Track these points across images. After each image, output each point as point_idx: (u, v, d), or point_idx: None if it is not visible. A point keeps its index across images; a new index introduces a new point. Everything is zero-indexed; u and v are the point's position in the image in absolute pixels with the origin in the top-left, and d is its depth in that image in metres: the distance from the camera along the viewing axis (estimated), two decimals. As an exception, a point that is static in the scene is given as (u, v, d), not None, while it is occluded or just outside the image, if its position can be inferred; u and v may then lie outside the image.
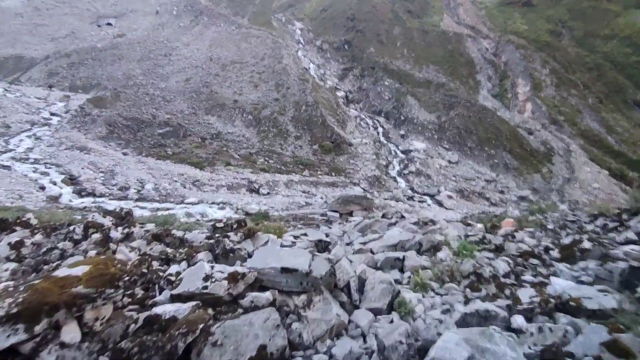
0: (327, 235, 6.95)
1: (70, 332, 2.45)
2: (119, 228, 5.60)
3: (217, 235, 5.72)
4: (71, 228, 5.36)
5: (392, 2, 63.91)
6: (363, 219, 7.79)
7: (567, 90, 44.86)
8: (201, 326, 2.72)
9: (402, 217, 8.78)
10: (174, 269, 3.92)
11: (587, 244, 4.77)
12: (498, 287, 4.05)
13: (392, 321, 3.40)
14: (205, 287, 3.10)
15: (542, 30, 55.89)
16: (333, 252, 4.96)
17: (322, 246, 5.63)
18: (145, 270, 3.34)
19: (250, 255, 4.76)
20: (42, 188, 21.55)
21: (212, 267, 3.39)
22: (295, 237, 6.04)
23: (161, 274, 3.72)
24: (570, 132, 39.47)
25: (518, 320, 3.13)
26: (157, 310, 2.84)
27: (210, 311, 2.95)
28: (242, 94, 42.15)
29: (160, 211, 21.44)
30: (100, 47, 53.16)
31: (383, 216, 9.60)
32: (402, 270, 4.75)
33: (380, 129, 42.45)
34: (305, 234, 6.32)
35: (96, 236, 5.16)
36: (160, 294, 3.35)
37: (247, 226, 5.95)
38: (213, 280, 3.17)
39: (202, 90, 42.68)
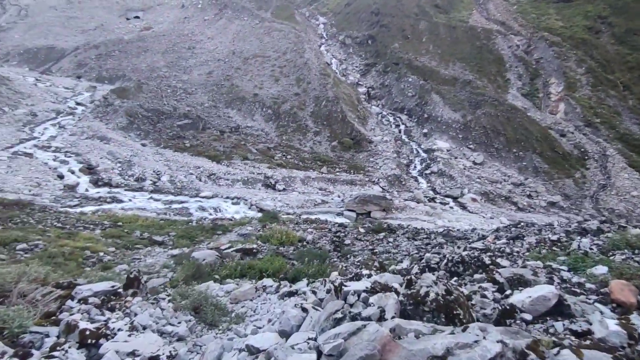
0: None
1: None
2: None
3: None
4: None
5: (420, -3, 61.84)
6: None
7: (604, 90, 42.07)
8: None
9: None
10: None
11: None
12: None
13: None
14: None
15: (578, 27, 52.69)
16: None
17: None
18: None
19: None
20: (61, 177, 21.74)
21: None
22: None
23: None
24: (607, 136, 36.95)
25: None
26: None
27: None
28: (263, 88, 41.75)
29: (174, 204, 21.29)
30: (127, 40, 54.02)
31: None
32: None
33: (402, 127, 41.14)
34: None
35: None
36: None
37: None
38: None
39: (224, 83, 42.56)
